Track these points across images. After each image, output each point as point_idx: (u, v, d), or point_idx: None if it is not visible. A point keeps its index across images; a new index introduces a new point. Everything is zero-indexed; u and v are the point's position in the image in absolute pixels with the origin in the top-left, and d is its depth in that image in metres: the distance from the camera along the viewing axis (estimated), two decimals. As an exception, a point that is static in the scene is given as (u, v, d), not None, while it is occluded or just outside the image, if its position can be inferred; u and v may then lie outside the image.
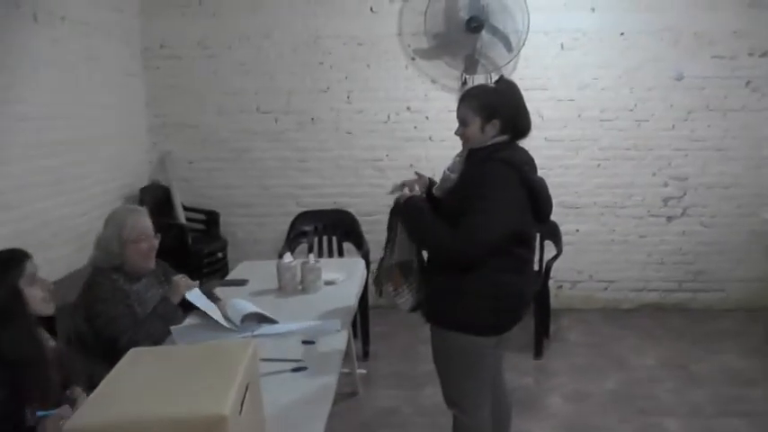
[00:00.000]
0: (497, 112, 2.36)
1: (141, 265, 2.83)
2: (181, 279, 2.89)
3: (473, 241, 2.29)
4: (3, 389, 1.80)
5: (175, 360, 1.64)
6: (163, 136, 5.47)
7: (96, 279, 2.74)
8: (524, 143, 2.47)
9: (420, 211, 2.43)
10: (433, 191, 2.57)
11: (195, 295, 2.86)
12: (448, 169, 2.50)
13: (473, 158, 2.41)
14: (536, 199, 2.39)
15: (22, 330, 1.89)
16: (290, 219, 4.99)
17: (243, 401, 1.46)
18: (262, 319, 2.82)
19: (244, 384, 1.48)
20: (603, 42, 5.07)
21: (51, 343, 2.07)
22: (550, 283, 4.67)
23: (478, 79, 5.01)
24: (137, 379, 1.51)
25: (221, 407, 1.34)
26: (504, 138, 2.39)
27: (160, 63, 5.36)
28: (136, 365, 1.59)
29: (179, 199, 5.27)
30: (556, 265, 4.52)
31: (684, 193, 5.24)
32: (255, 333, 2.69)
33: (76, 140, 4.33)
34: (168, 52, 5.35)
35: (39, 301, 2.00)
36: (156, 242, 2.88)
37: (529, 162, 2.42)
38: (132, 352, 1.66)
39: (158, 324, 2.69)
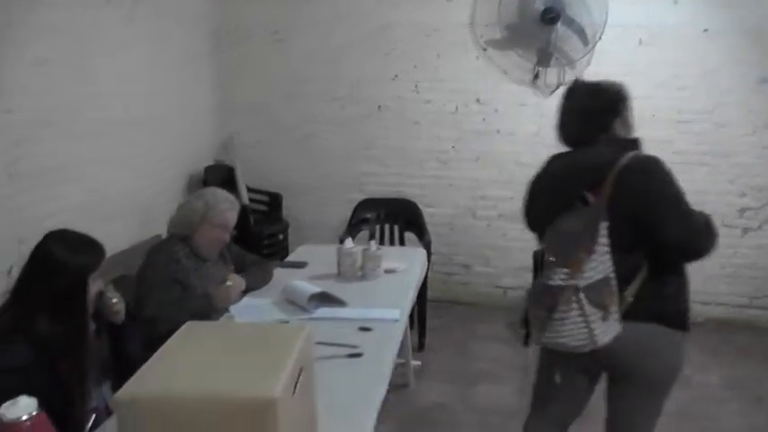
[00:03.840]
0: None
1: (205, 249, 2.90)
2: (233, 288, 2.88)
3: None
4: (44, 375, 1.82)
5: (231, 337, 1.63)
6: (229, 117, 5.51)
7: (157, 248, 2.85)
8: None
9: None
10: None
11: (242, 308, 2.80)
12: None
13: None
14: None
15: (75, 321, 1.92)
16: (353, 205, 4.98)
17: (296, 384, 1.42)
18: (327, 299, 2.81)
19: (297, 367, 1.44)
20: (684, 39, 4.80)
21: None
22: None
23: (551, 72, 4.89)
24: (190, 353, 1.49)
25: (273, 389, 1.30)
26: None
27: (229, 46, 5.40)
28: (191, 339, 1.57)
29: (243, 180, 5.30)
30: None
31: (763, 205, 4.97)
32: (314, 316, 2.69)
33: (143, 119, 4.38)
34: (238, 35, 5.38)
35: (91, 298, 2.02)
36: (227, 238, 2.97)
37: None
38: (189, 324, 1.65)
39: (185, 316, 2.60)
